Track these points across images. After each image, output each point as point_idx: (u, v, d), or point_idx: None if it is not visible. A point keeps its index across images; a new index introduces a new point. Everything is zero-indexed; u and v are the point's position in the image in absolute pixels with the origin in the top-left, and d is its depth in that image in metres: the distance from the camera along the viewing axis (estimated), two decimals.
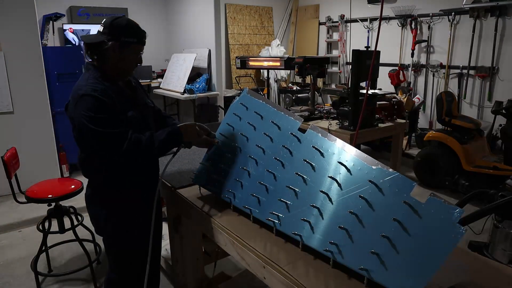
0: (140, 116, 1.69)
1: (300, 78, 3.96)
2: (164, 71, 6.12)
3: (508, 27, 4.90)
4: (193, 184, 1.93)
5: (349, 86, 3.33)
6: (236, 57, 4.76)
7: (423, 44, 5.84)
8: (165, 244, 2.48)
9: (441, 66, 5.65)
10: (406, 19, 5.97)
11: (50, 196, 2.49)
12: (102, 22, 1.60)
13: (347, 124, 3.27)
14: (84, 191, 2.69)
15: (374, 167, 1.27)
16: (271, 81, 7.13)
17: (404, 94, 5.18)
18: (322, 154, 1.43)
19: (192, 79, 5.59)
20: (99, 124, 1.48)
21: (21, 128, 3.99)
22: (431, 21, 5.69)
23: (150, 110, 1.85)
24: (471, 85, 5.39)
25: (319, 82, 6.99)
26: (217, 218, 1.69)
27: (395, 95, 4.59)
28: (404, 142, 5.27)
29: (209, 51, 5.58)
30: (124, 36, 1.56)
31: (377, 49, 2.35)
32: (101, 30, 1.58)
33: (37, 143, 4.11)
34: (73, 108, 1.54)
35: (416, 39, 5.84)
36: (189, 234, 2.14)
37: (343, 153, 1.37)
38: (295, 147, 1.54)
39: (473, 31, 5.17)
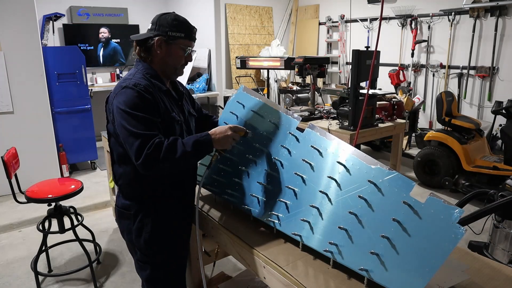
0: (184, 122, 1.59)
1: (300, 78, 3.95)
2: None
3: (508, 27, 4.90)
4: None
5: (349, 86, 3.32)
6: (236, 57, 4.76)
7: (423, 44, 5.84)
8: None
9: (441, 66, 5.65)
10: (406, 19, 5.97)
11: (50, 196, 2.48)
12: (151, 20, 1.55)
13: (347, 124, 3.27)
14: (83, 192, 2.72)
15: (373, 167, 1.26)
16: (271, 81, 7.13)
17: (404, 94, 5.18)
18: (320, 153, 1.43)
19: (192, 79, 5.60)
20: (132, 122, 1.37)
21: (21, 128, 3.99)
22: (431, 21, 5.69)
23: (193, 120, 1.72)
24: (471, 85, 5.39)
25: (319, 82, 6.99)
26: (217, 218, 1.69)
27: (395, 95, 4.59)
28: (404, 142, 5.27)
29: (209, 51, 5.58)
30: (171, 30, 1.48)
31: (377, 49, 2.35)
32: (150, 28, 1.53)
33: (37, 143, 4.10)
34: (112, 100, 1.47)
35: (416, 39, 5.84)
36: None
37: (342, 153, 1.37)
38: (293, 147, 1.53)
39: (473, 31, 5.17)
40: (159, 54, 1.52)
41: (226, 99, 5.85)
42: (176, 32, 1.49)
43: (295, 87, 4.55)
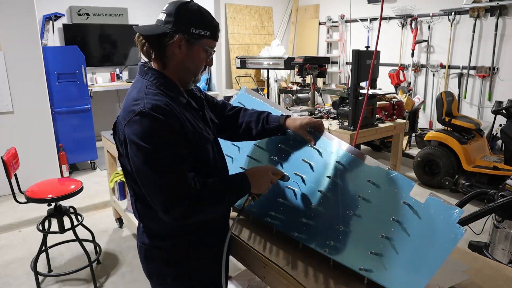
0: (213, 135, 1.33)
1: (300, 78, 3.96)
2: None
3: (508, 27, 4.90)
4: None
5: (349, 86, 3.32)
6: (236, 57, 4.76)
7: (423, 44, 5.84)
8: None
9: (441, 66, 5.65)
10: (406, 19, 5.97)
11: (50, 196, 2.48)
12: (164, 8, 1.20)
13: (347, 124, 3.27)
14: (83, 192, 2.72)
15: (373, 167, 1.26)
16: (271, 81, 7.12)
17: (404, 94, 5.18)
18: (320, 153, 1.43)
19: None
20: (153, 163, 1.09)
21: (21, 128, 3.99)
22: (431, 21, 5.69)
23: (216, 126, 1.45)
24: (471, 85, 5.39)
25: (319, 82, 6.99)
26: None
27: (395, 95, 4.59)
28: (404, 142, 5.27)
29: None
30: (195, 27, 1.17)
31: (377, 49, 2.34)
32: (163, 19, 1.18)
33: (37, 143, 4.10)
34: (122, 128, 1.14)
35: (416, 39, 5.84)
36: None
37: (342, 153, 1.37)
38: (293, 146, 1.53)
39: (473, 31, 5.17)
40: (177, 57, 1.19)
41: (226, 99, 5.85)
42: (201, 30, 1.18)
43: (295, 87, 4.55)
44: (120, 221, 3.47)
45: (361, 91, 3.18)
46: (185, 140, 1.16)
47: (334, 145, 1.41)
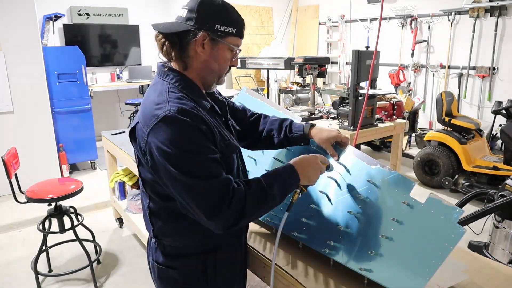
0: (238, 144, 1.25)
1: (300, 78, 3.96)
2: None
3: (508, 27, 4.90)
4: None
5: (349, 86, 3.33)
6: None
7: (423, 44, 5.84)
8: None
9: (441, 66, 5.65)
10: (406, 19, 5.97)
11: (50, 196, 2.48)
12: (186, 4, 1.10)
13: (347, 124, 3.27)
14: (83, 192, 2.72)
15: (373, 167, 1.26)
16: (271, 81, 7.12)
17: (404, 94, 5.18)
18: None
19: None
20: (189, 171, 0.99)
21: (21, 128, 4.00)
22: (431, 21, 5.69)
23: (236, 134, 1.35)
24: (471, 85, 5.39)
25: (319, 82, 6.99)
26: None
27: (395, 95, 4.60)
28: (404, 142, 5.28)
29: None
30: (220, 23, 1.07)
31: (377, 49, 2.34)
32: (184, 15, 1.08)
33: (37, 143, 4.11)
34: (145, 134, 1.03)
35: (416, 39, 5.85)
36: None
37: (342, 153, 1.37)
38: (293, 146, 1.53)
39: (473, 31, 5.17)
40: (200, 56, 1.10)
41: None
42: (226, 26, 1.08)
43: (295, 87, 4.56)
44: (120, 221, 3.47)
45: (361, 91, 3.18)
46: (215, 147, 1.07)
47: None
